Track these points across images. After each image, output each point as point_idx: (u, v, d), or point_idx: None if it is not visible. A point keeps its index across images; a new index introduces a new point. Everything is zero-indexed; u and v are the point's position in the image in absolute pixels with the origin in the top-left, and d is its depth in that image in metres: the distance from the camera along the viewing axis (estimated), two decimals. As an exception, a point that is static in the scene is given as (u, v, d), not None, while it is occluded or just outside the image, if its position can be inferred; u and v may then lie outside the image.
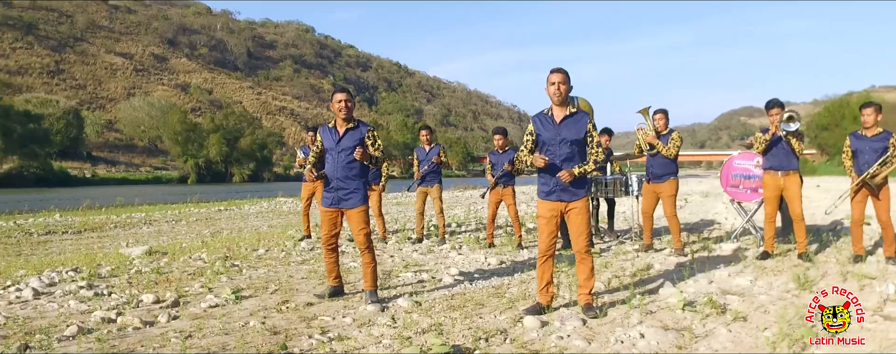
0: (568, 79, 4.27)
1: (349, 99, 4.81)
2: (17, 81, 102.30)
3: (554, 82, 4.23)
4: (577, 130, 4.27)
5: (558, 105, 4.30)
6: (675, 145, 6.83)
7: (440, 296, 5.00)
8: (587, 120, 4.31)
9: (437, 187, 8.32)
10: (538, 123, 4.37)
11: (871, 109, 6.02)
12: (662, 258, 6.68)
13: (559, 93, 4.23)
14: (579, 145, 4.29)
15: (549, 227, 4.33)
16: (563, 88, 4.23)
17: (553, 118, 4.32)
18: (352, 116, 4.84)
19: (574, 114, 4.30)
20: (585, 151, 4.35)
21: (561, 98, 4.25)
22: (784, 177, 6.28)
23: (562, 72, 4.26)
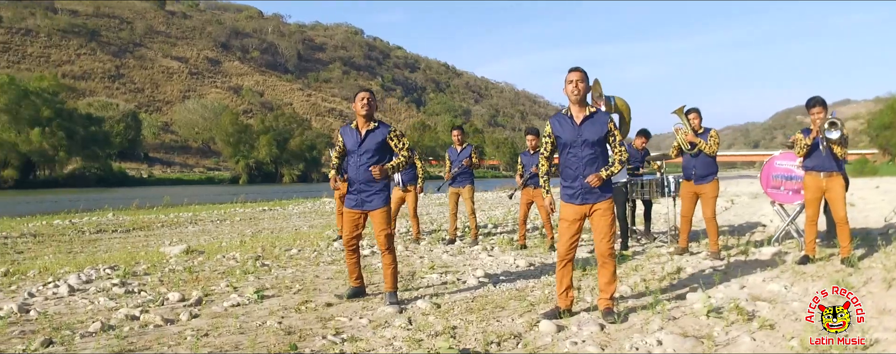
0: (586, 77, 4.18)
1: (372, 98, 4.80)
2: (80, 85, 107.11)
3: (572, 81, 4.14)
4: (598, 130, 4.16)
5: (576, 104, 4.19)
6: (715, 143, 6.59)
7: (461, 298, 4.94)
8: (607, 119, 4.19)
9: (469, 188, 8.26)
10: (556, 124, 4.27)
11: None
12: (697, 261, 6.45)
13: (578, 91, 4.12)
14: (601, 145, 4.18)
15: (570, 231, 4.23)
16: (581, 87, 4.13)
17: (573, 119, 4.22)
18: (373, 115, 4.81)
19: (594, 113, 4.19)
20: (608, 151, 4.24)
21: (579, 97, 4.15)
22: (827, 178, 5.98)
23: (579, 70, 4.16)
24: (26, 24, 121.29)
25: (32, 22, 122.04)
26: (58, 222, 15.41)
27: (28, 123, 59.37)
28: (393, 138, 4.76)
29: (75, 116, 63.89)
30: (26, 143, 58.00)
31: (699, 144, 6.56)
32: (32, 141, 57.82)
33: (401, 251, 7.64)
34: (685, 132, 6.67)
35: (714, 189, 6.61)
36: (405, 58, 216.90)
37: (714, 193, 6.60)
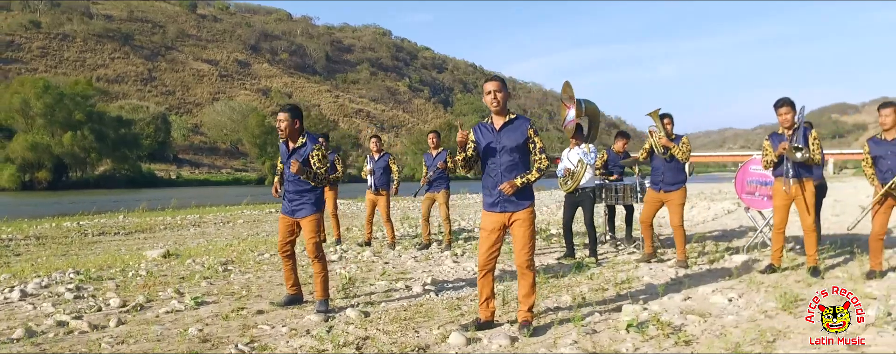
0: (504, 87, 4.11)
1: (290, 119, 4.80)
2: (114, 88, 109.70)
3: (490, 91, 4.08)
4: (517, 137, 4.08)
5: (497, 114, 4.13)
6: (686, 149, 6.41)
7: (396, 307, 4.89)
8: (527, 126, 4.11)
9: (444, 193, 8.20)
10: (478, 132, 4.23)
11: (890, 109, 5.43)
12: (660, 270, 6.28)
13: (496, 102, 4.07)
14: (520, 152, 4.09)
15: (489, 240, 4.15)
16: (499, 97, 4.07)
17: (493, 126, 4.15)
18: (296, 134, 4.83)
19: (514, 120, 4.13)
20: (529, 159, 4.15)
21: (499, 107, 4.08)
22: (796, 185, 5.76)
23: (497, 80, 4.12)
24: (64, 29, 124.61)
25: (69, 27, 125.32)
26: (67, 224, 15.75)
27: (61, 127, 61.05)
28: (314, 156, 4.78)
29: (106, 119, 65.40)
30: (59, 146, 59.62)
31: (672, 148, 6.39)
32: (65, 144, 59.42)
33: (367, 257, 7.61)
34: (660, 136, 6.50)
35: (681, 197, 6.42)
36: (433, 58, 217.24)
37: (681, 200, 6.42)
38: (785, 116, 5.72)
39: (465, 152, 4.18)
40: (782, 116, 5.75)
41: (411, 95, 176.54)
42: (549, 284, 5.58)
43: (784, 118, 5.72)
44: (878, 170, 5.54)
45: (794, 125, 5.69)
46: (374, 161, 8.73)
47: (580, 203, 6.99)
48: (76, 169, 64.01)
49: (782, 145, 5.63)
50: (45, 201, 35.27)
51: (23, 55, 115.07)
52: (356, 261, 7.32)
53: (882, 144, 5.53)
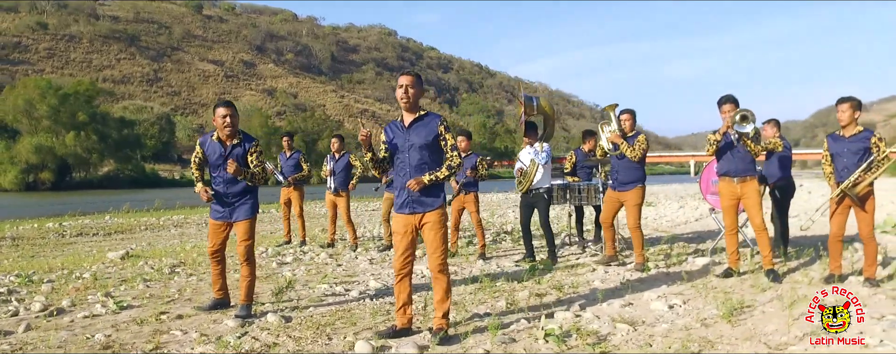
0: (418, 82, 3.90)
1: (233, 114, 4.62)
2: (120, 89, 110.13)
3: (402, 85, 3.88)
4: (427, 134, 3.87)
5: (407, 110, 3.92)
6: (640, 148, 6.16)
7: (323, 312, 4.68)
8: (438, 122, 3.90)
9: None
10: (389, 130, 4.04)
11: (847, 104, 5.18)
12: (615, 273, 6.05)
13: (407, 97, 3.86)
14: (431, 149, 3.88)
15: (403, 243, 3.94)
16: (411, 92, 3.86)
17: (403, 123, 3.95)
18: (236, 132, 4.65)
19: (423, 116, 3.93)
20: (441, 157, 3.94)
21: (409, 103, 3.88)
22: (741, 184, 5.53)
23: (410, 75, 3.91)
24: (70, 30, 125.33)
25: (76, 28, 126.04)
26: (49, 225, 15.64)
27: (65, 128, 61.24)
28: (251, 154, 4.61)
29: (109, 120, 65.57)
30: (62, 146, 59.81)
31: (622, 146, 6.15)
32: (68, 145, 59.61)
33: (322, 259, 7.41)
34: (612, 131, 6.26)
35: (637, 197, 6.18)
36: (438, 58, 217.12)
37: (636, 200, 6.18)
38: (729, 115, 5.49)
39: (372, 153, 3.97)
40: (725, 114, 5.53)
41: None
42: (492, 288, 5.37)
43: (727, 116, 5.50)
44: (835, 168, 5.30)
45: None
46: (335, 161, 8.56)
47: (535, 204, 6.77)
48: (79, 170, 64.15)
49: (726, 121, 5.41)
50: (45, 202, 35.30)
51: (30, 56, 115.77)
52: (309, 263, 7.13)
53: (840, 140, 5.28)
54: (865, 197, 5.15)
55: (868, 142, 5.12)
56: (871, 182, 5.09)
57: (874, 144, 5.09)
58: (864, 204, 5.16)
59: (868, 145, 5.12)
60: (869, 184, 5.10)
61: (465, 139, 7.37)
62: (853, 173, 5.10)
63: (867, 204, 5.17)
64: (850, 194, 5.08)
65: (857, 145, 5.15)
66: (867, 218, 5.17)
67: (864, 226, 5.18)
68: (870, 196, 5.15)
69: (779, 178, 6.86)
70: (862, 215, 5.19)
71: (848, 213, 5.28)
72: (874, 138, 5.11)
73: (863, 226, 5.19)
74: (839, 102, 5.22)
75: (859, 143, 5.14)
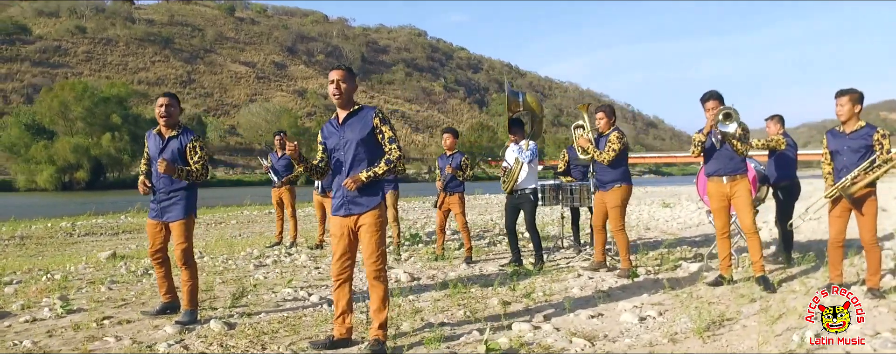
0: (350, 77, 3.62)
1: (171, 104, 4.40)
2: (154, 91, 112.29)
3: (333, 81, 3.62)
4: (362, 128, 3.59)
5: (341, 107, 3.65)
6: (611, 149, 5.78)
7: (272, 318, 4.43)
8: (373, 114, 3.61)
9: (392, 193, 7.72)
10: (324, 130, 3.77)
11: (846, 97, 4.72)
12: (599, 280, 5.68)
13: (339, 92, 3.58)
14: (368, 145, 3.59)
15: (340, 247, 3.66)
16: (343, 87, 3.59)
17: (337, 120, 3.68)
18: (176, 122, 4.42)
19: (358, 111, 3.64)
20: (379, 153, 3.65)
21: (341, 99, 3.60)
22: (730, 183, 5.12)
23: (342, 69, 3.64)
24: (107, 34, 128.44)
25: (113, 32, 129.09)
26: (64, 224, 15.78)
27: (100, 129, 62.76)
28: (192, 149, 4.36)
29: (141, 121, 66.82)
30: (97, 147, 61.30)
31: (589, 150, 5.78)
32: (103, 145, 61.05)
33: (301, 261, 7.17)
34: (583, 134, 5.90)
35: (618, 197, 5.79)
36: (468, 59, 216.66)
37: (617, 201, 5.79)
38: (712, 112, 5.08)
39: (305, 163, 3.70)
40: (709, 111, 5.13)
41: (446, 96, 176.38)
42: (462, 295, 5.05)
43: (710, 114, 5.10)
44: (834, 168, 4.86)
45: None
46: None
47: (520, 205, 6.42)
48: (113, 170, 65.63)
49: (709, 120, 5.01)
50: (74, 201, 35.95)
51: (69, 60, 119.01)
52: (287, 266, 6.90)
53: (839, 137, 4.83)
54: (864, 199, 4.69)
55: (870, 139, 4.66)
56: (871, 183, 4.62)
57: (877, 141, 4.64)
58: (863, 207, 4.70)
59: (870, 142, 4.66)
60: (868, 185, 4.63)
61: (451, 136, 7.07)
62: (852, 172, 4.66)
63: (867, 207, 4.70)
64: (846, 194, 4.63)
65: (859, 142, 4.69)
66: (868, 223, 4.70)
67: (865, 231, 4.72)
68: (870, 198, 4.68)
69: (782, 178, 6.39)
70: (862, 220, 4.73)
71: (848, 216, 4.82)
72: (877, 134, 4.65)
73: (864, 231, 4.73)
74: (838, 96, 4.76)
75: (860, 140, 4.69)
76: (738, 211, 5.13)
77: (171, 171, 4.19)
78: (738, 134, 4.92)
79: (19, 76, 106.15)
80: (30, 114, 65.70)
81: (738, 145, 4.96)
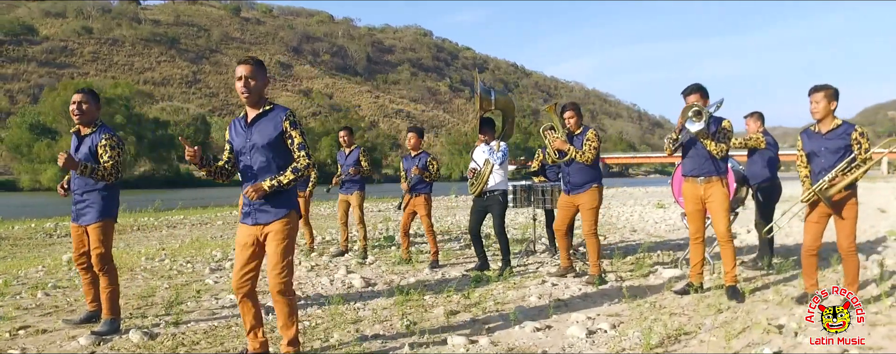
0: (259, 72, 3.28)
1: (85, 101, 4.11)
2: (159, 91, 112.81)
3: (241, 77, 3.27)
4: (270, 131, 3.27)
5: (250, 105, 3.33)
6: (590, 147, 5.46)
7: (199, 328, 4.15)
8: (283, 117, 3.28)
9: (358, 195, 7.42)
10: (231, 128, 3.45)
11: (821, 94, 4.37)
12: (563, 287, 5.36)
13: (246, 90, 3.26)
14: (275, 150, 3.28)
15: (242, 258, 3.35)
16: (252, 84, 3.26)
17: (245, 119, 3.36)
18: (91, 120, 4.14)
19: (269, 111, 3.32)
20: (289, 159, 3.33)
21: (250, 96, 3.28)
22: (705, 185, 4.78)
23: (248, 63, 3.28)
24: (114, 34, 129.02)
25: (119, 32, 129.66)
26: (48, 224, 15.58)
27: (105, 128, 62.93)
28: (104, 147, 4.08)
29: (144, 121, 66.97)
30: (100, 147, 61.43)
31: (569, 152, 5.45)
32: (105, 144, 61.15)
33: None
34: (555, 137, 5.57)
35: (593, 199, 5.46)
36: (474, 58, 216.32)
37: (592, 203, 5.46)
38: None
39: (207, 167, 3.39)
40: None
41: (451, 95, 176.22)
42: (410, 303, 4.75)
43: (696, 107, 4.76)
44: (812, 170, 4.52)
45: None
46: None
47: (488, 208, 6.11)
48: (116, 169, 65.79)
49: (680, 117, 4.68)
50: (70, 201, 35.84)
51: (75, 60, 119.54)
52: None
53: (815, 137, 4.49)
54: (843, 202, 4.35)
55: (848, 138, 4.32)
56: (850, 184, 4.29)
57: (855, 140, 4.30)
58: (842, 211, 4.36)
59: (848, 141, 4.32)
60: (846, 187, 4.29)
61: (415, 136, 6.77)
62: (830, 173, 4.32)
63: (846, 211, 4.36)
64: (823, 197, 4.29)
65: (836, 142, 4.35)
66: (846, 228, 4.36)
67: (843, 237, 4.38)
68: (849, 201, 4.34)
69: (763, 179, 6.05)
70: (840, 225, 4.39)
71: (826, 222, 4.48)
72: (855, 133, 4.30)
73: (841, 237, 4.39)
74: (812, 92, 4.42)
75: (838, 140, 4.35)
76: (713, 216, 4.79)
77: (72, 165, 3.90)
78: (716, 131, 4.55)
79: (26, 76, 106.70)
80: (34, 114, 65.89)
81: (710, 144, 4.62)
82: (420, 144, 6.79)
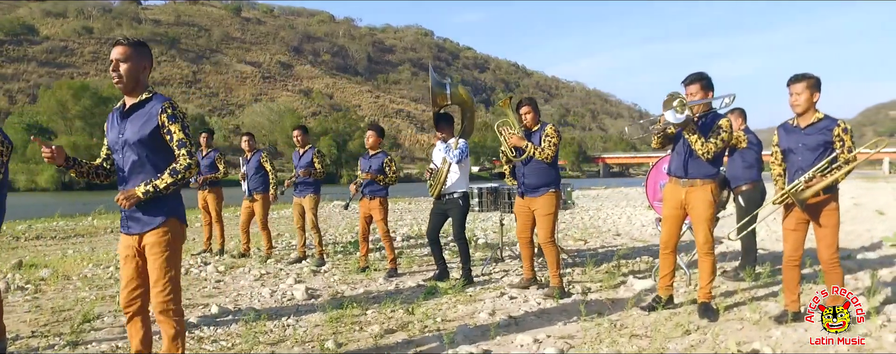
0: (134, 54, 2.79)
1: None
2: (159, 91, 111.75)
3: (112, 61, 2.78)
4: (144, 126, 2.78)
5: (126, 93, 2.85)
6: (550, 143, 4.95)
7: (97, 350, 3.65)
8: (160, 108, 2.79)
9: (311, 198, 6.93)
10: (108, 121, 3.01)
11: (802, 84, 3.86)
12: (521, 301, 4.86)
13: (117, 76, 2.78)
14: (150, 147, 2.79)
15: (126, 270, 2.88)
16: (124, 68, 2.78)
17: (122, 110, 2.87)
18: None
19: (146, 101, 2.83)
20: (169, 157, 2.84)
21: (122, 83, 2.80)
22: (688, 188, 4.24)
23: (121, 44, 2.79)
24: (114, 34, 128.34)
25: (119, 32, 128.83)
26: (20, 227, 15.10)
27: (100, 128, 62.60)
28: None
29: (141, 120, 66.63)
30: (98, 147, 61.06)
31: (528, 149, 4.94)
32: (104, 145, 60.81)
33: (207, 273, 6.38)
34: (511, 133, 5.07)
35: (550, 203, 4.95)
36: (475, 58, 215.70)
37: (549, 208, 4.95)
38: (693, 97, 4.23)
39: (75, 167, 2.94)
40: (691, 97, 4.25)
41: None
42: (346, 319, 4.25)
43: (691, 98, 4.24)
44: (788, 170, 4.02)
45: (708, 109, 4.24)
46: (246, 162, 7.60)
47: (447, 211, 5.61)
48: (113, 169, 65.46)
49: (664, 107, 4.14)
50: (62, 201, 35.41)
51: (75, 60, 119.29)
52: (188, 277, 6.12)
53: (793, 132, 3.98)
54: (821, 207, 3.84)
55: (830, 134, 3.81)
56: (829, 186, 3.77)
57: (837, 137, 3.79)
58: (820, 217, 3.85)
59: (829, 137, 3.81)
60: (825, 190, 3.78)
61: (374, 134, 6.28)
62: (808, 173, 3.82)
63: (825, 217, 3.85)
64: (798, 200, 3.78)
65: (816, 137, 3.84)
66: (827, 237, 3.86)
67: (824, 247, 3.87)
68: (829, 206, 3.83)
69: (744, 181, 5.54)
70: (820, 233, 3.89)
71: (806, 228, 3.98)
72: (838, 128, 3.80)
73: (821, 247, 3.89)
74: (792, 82, 3.91)
75: (818, 135, 3.84)
76: (694, 224, 4.25)
77: None
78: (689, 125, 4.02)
79: (25, 76, 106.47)
80: (31, 114, 65.59)
81: (696, 142, 4.08)
82: (379, 143, 6.30)
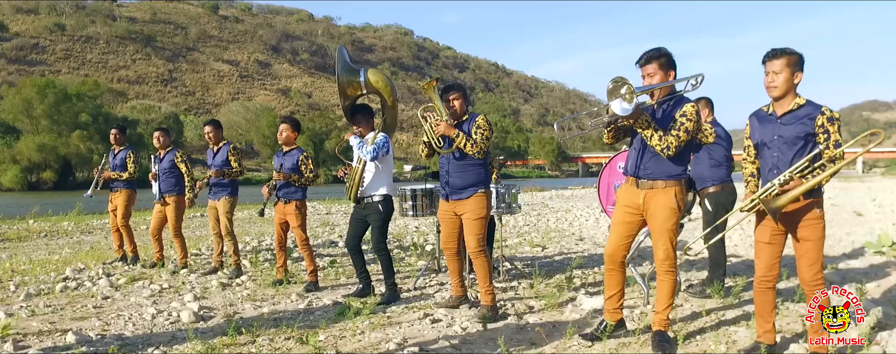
0: None
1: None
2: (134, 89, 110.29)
3: None
4: None
5: None
6: (482, 135, 4.18)
7: None
8: None
9: (226, 201, 6.13)
10: None
11: (780, 61, 3.08)
12: (444, 326, 4.07)
13: None
14: None
15: None
16: None
17: None
18: None
19: None
20: None
21: None
22: (646, 191, 3.46)
23: None
24: (87, 31, 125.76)
25: (93, 29, 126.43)
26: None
27: (68, 127, 60.79)
28: None
29: (111, 120, 64.79)
30: (65, 146, 59.32)
31: (458, 139, 4.16)
32: (71, 144, 59.06)
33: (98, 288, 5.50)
34: (437, 120, 4.28)
35: (477, 208, 4.17)
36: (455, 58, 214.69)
37: (478, 212, 4.17)
38: (651, 79, 3.44)
39: None
40: (649, 78, 3.46)
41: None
42: (236, 346, 3.43)
43: (649, 81, 3.45)
44: (761, 168, 3.27)
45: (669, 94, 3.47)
46: (159, 161, 6.75)
47: (367, 217, 4.81)
48: (82, 169, 63.55)
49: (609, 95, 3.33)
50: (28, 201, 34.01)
51: (47, 57, 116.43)
52: (77, 295, 5.24)
53: (767, 122, 3.22)
54: (799, 216, 3.08)
55: (812, 124, 3.05)
56: (811, 190, 3.01)
57: (821, 127, 3.03)
58: (798, 228, 3.10)
59: (811, 128, 3.05)
60: (806, 195, 3.02)
61: (288, 128, 5.47)
62: (783, 173, 3.06)
63: (806, 229, 3.09)
64: (770, 209, 3.01)
65: (795, 128, 3.08)
66: (809, 252, 3.09)
67: (805, 267, 3.11)
68: (810, 215, 3.07)
69: (711, 182, 4.80)
70: (800, 249, 3.13)
71: (781, 244, 3.22)
72: (822, 117, 3.04)
73: (802, 266, 3.13)
74: (768, 59, 3.12)
75: (798, 125, 3.08)
76: (653, 234, 3.47)
77: None
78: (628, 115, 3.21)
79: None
80: (-3, 112, 63.62)
81: (652, 136, 3.31)
82: (295, 138, 5.48)
